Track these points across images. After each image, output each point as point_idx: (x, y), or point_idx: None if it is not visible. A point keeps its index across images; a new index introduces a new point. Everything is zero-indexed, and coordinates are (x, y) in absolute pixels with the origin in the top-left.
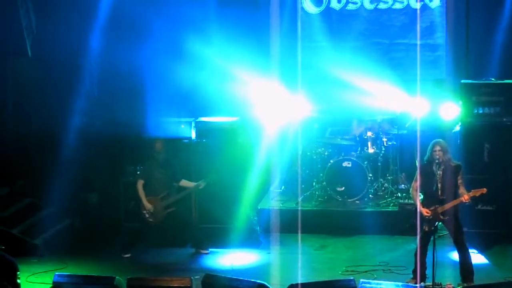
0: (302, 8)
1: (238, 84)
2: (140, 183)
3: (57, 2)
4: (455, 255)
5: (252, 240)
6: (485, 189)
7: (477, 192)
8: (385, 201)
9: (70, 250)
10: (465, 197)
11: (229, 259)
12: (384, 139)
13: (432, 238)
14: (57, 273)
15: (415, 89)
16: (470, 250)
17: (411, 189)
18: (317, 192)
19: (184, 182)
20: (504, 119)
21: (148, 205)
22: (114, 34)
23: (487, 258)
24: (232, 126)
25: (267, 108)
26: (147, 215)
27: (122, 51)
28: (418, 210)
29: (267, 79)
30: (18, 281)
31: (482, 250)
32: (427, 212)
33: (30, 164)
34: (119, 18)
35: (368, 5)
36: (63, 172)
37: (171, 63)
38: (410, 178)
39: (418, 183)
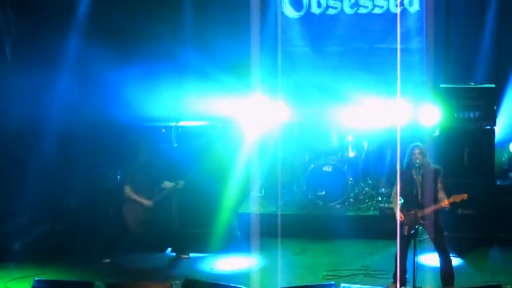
0: (282, 13)
1: (218, 89)
2: (128, 189)
3: (37, 7)
4: (435, 259)
5: (232, 244)
6: (466, 194)
7: (457, 198)
8: (365, 205)
9: (49, 255)
10: (445, 202)
11: (209, 264)
12: (365, 143)
13: (412, 242)
14: (36, 278)
15: (395, 94)
16: (450, 254)
17: (392, 194)
18: (297, 197)
19: (165, 184)
20: (484, 123)
21: (147, 202)
22: (93, 38)
23: (467, 262)
24: (212, 130)
25: (247, 113)
26: (129, 220)
27: (102, 55)
28: (397, 214)
29: (247, 83)
30: None
31: (462, 254)
32: (401, 217)
33: (8, 168)
34: (98, 21)
35: (348, 10)
36: (42, 177)
37: (151, 65)
38: (391, 183)
39: (398, 187)
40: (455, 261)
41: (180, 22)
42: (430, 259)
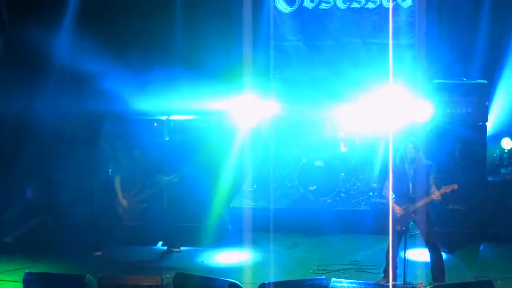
0: (275, 7)
1: (210, 83)
2: (117, 180)
3: (30, 1)
4: (426, 254)
5: (224, 238)
6: (456, 185)
7: (448, 189)
8: (357, 200)
9: (41, 248)
10: (436, 194)
11: (201, 257)
12: (357, 138)
13: (403, 238)
14: (27, 271)
15: (387, 89)
16: (441, 250)
17: (383, 188)
18: (289, 191)
19: (158, 178)
20: (476, 119)
21: (123, 201)
22: (86, 32)
23: (458, 258)
24: (205, 124)
25: (240, 107)
26: (121, 212)
27: (94, 49)
28: (390, 208)
29: (240, 78)
30: None
31: (452, 250)
32: (399, 210)
33: (0, 161)
34: (91, 17)
35: (341, 5)
36: (35, 169)
37: (144, 60)
38: (382, 178)
39: (390, 182)
40: (446, 256)
41: (172, 16)
42: (421, 255)
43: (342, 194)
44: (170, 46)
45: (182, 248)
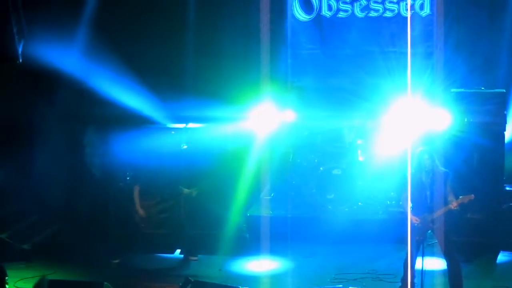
0: (293, 16)
1: (228, 90)
2: (136, 189)
3: (49, 9)
4: (444, 264)
5: (241, 247)
6: (472, 195)
7: (465, 199)
8: (374, 209)
9: (59, 255)
10: (453, 204)
11: (218, 266)
12: (375, 147)
13: (421, 247)
14: (48, 278)
15: (405, 98)
16: (458, 259)
17: (401, 198)
18: (306, 199)
19: (179, 190)
20: (494, 128)
21: (141, 211)
22: (103, 40)
23: (475, 267)
24: (222, 132)
25: (257, 115)
26: (138, 220)
27: (110, 56)
28: (409, 218)
29: (257, 85)
30: (7, 286)
31: (470, 259)
32: (416, 220)
33: (19, 169)
34: (106, 24)
35: (359, 13)
36: (52, 177)
37: (157, 68)
38: (400, 187)
39: (408, 191)
40: (463, 266)
41: (189, 23)
42: (438, 264)
43: (360, 203)
44: (186, 53)
45: (199, 256)
